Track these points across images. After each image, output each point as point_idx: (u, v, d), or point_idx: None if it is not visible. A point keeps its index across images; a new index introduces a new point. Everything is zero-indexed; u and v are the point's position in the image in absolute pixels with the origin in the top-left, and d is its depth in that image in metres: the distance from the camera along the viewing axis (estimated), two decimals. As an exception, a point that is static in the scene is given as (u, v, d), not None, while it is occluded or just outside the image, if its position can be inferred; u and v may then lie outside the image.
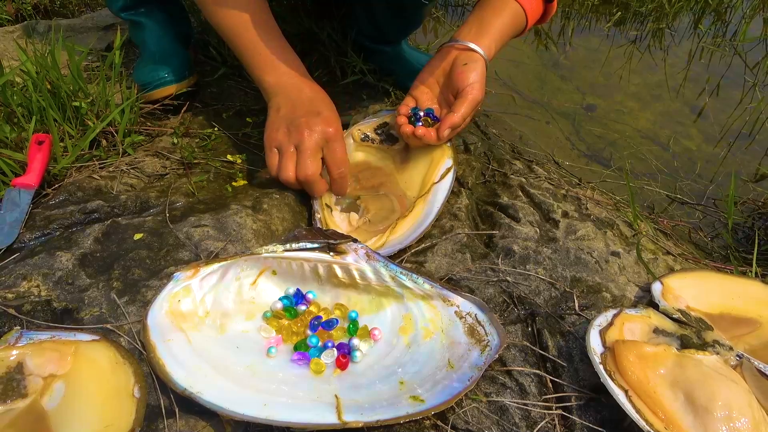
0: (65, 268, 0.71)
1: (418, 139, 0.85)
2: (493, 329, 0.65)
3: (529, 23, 0.92)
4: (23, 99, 0.90)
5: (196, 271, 0.69)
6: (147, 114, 1.01)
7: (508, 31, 0.91)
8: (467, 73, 0.84)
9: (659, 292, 0.73)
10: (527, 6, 0.90)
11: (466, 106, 0.83)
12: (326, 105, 0.85)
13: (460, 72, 0.85)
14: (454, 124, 0.83)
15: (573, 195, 0.92)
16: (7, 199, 0.78)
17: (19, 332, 0.61)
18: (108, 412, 0.56)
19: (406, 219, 0.82)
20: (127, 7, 1.04)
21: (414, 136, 0.85)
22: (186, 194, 0.85)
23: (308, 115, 0.81)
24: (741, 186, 1.16)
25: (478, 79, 0.84)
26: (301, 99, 0.84)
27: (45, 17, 1.54)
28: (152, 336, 0.62)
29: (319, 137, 0.81)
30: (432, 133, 0.85)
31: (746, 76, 1.48)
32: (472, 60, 0.85)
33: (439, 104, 0.89)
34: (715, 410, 0.56)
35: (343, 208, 0.86)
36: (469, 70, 0.84)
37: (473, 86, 0.84)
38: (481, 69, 0.85)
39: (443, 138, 0.84)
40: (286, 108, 0.83)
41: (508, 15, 0.89)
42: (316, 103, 0.84)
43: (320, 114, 0.82)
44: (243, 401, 0.57)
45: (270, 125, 0.84)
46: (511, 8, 0.89)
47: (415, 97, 0.90)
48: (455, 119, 0.83)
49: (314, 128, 0.80)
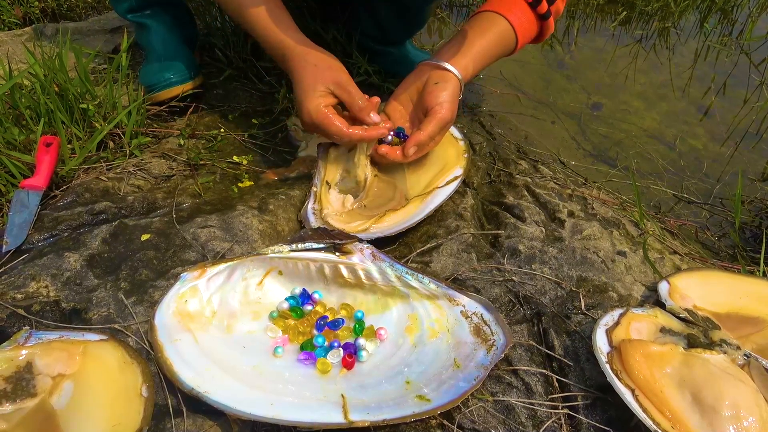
0: (73, 269, 0.71)
1: (382, 156, 0.85)
2: (499, 329, 0.65)
3: (519, 42, 0.91)
4: (31, 101, 0.91)
5: (202, 271, 0.69)
6: (153, 116, 1.01)
7: (492, 51, 0.90)
8: (437, 93, 0.84)
9: (666, 292, 0.73)
10: (517, 25, 0.89)
11: (433, 124, 0.83)
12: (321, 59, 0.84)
13: (431, 91, 0.85)
14: (420, 142, 0.83)
15: (579, 195, 0.92)
16: (16, 200, 0.79)
17: (29, 332, 0.62)
18: (116, 411, 0.56)
19: (396, 212, 0.83)
20: (133, 9, 1.05)
21: (377, 154, 0.85)
22: (192, 195, 0.86)
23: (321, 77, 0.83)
24: (748, 185, 1.15)
25: (447, 99, 0.84)
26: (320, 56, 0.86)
27: (53, 20, 1.55)
28: (160, 336, 0.63)
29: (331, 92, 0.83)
30: (397, 151, 0.85)
31: (753, 74, 1.48)
32: (444, 80, 0.85)
33: (411, 122, 0.89)
34: (723, 409, 0.56)
35: (342, 189, 0.87)
36: (439, 89, 0.84)
37: (442, 105, 0.83)
38: (452, 89, 0.85)
39: (409, 156, 0.84)
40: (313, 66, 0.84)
41: (495, 34, 0.89)
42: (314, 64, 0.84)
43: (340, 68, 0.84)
44: (250, 401, 0.58)
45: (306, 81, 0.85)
46: (499, 28, 0.88)
47: (387, 113, 0.90)
48: (421, 137, 0.83)
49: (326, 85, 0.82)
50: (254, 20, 0.85)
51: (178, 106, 1.02)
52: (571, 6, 1.74)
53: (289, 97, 1.06)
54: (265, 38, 0.86)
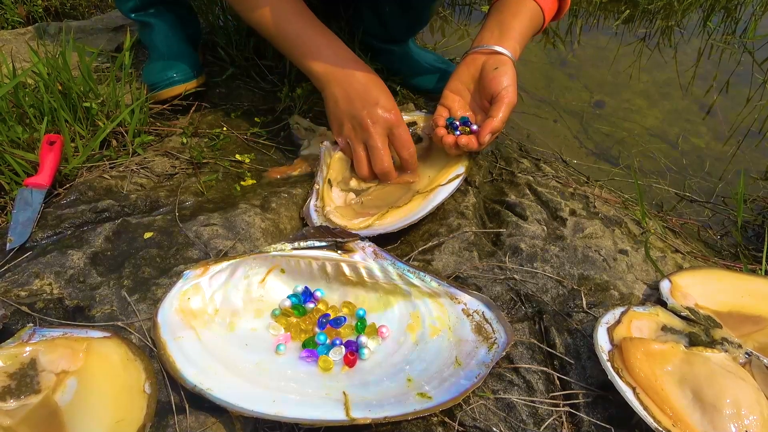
0: (77, 267, 0.71)
1: (459, 148, 0.86)
2: (500, 327, 0.66)
3: (546, 21, 0.92)
4: (35, 100, 0.91)
5: (205, 269, 0.69)
6: (156, 114, 1.02)
7: (527, 32, 0.91)
8: (500, 78, 0.84)
9: (667, 290, 0.73)
10: (543, 4, 0.90)
11: (504, 110, 0.84)
12: (380, 90, 0.86)
13: (493, 77, 0.85)
14: (495, 128, 0.83)
15: (581, 193, 0.92)
16: (20, 198, 0.79)
17: (32, 329, 0.62)
18: (120, 407, 0.56)
19: (399, 209, 0.83)
20: (136, 8, 1.05)
21: (456, 146, 0.86)
22: (195, 193, 0.86)
23: (367, 107, 0.84)
24: (750, 184, 1.15)
25: (511, 82, 0.84)
26: (355, 88, 0.85)
27: (56, 19, 1.55)
28: (162, 333, 0.63)
29: (383, 129, 0.84)
30: (473, 140, 0.85)
31: (756, 73, 1.47)
32: (501, 63, 0.85)
33: (472, 111, 0.90)
34: (724, 407, 0.56)
35: (344, 189, 0.87)
36: (500, 74, 0.84)
37: (508, 90, 0.84)
38: (512, 72, 0.85)
39: (484, 144, 0.84)
40: (344, 101, 0.85)
41: (527, 15, 0.89)
42: (370, 90, 0.85)
43: (378, 103, 0.84)
44: (252, 398, 0.58)
45: (333, 120, 0.87)
46: (529, 7, 0.89)
47: (447, 106, 0.90)
48: (496, 124, 0.83)
49: (377, 121, 0.83)
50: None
51: (181, 105, 1.02)
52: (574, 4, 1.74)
53: (291, 96, 1.06)
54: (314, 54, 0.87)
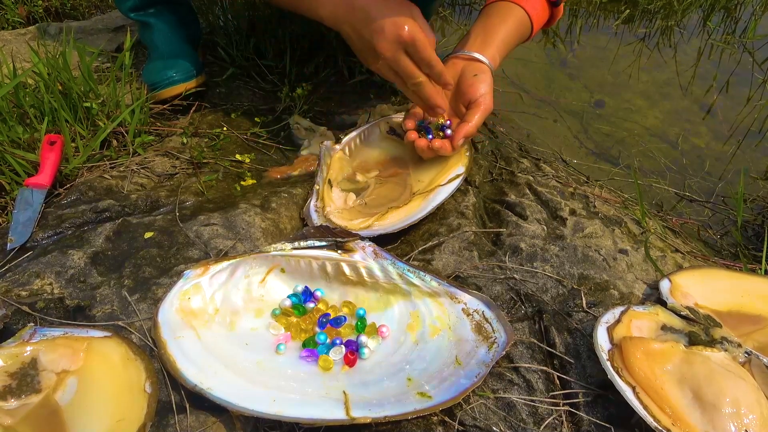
0: (77, 267, 0.72)
1: (433, 151, 0.87)
2: (500, 326, 0.66)
3: (534, 29, 0.93)
4: (35, 100, 0.91)
5: (205, 269, 0.69)
6: (156, 114, 1.02)
7: (513, 40, 0.92)
8: (478, 84, 0.86)
9: (667, 290, 0.73)
10: (532, 12, 0.91)
11: (479, 116, 0.86)
12: (381, 12, 0.79)
13: (471, 83, 0.87)
14: (469, 133, 0.85)
15: (581, 193, 0.92)
16: (21, 198, 0.80)
17: (33, 329, 0.62)
18: (120, 406, 0.57)
19: (399, 210, 0.84)
20: (136, 7, 1.05)
21: (430, 149, 0.86)
22: (195, 193, 0.86)
23: (377, 39, 0.79)
24: (750, 183, 1.15)
25: (488, 90, 0.87)
26: (360, 21, 0.80)
27: (56, 19, 1.55)
28: (163, 333, 0.63)
29: (400, 54, 0.79)
30: (447, 144, 0.86)
31: (756, 73, 1.47)
32: (481, 71, 0.87)
33: (448, 114, 0.90)
34: (723, 406, 0.56)
35: (344, 189, 0.87)
36: (479, 81, 0.87)
37: (485, 97, 0.86)
38: (489, 80, 0.87)
39: (457, 148, 0.86)
40: (357, 39, 0.81)
41: (513, 22, 0.90)
42: (372, 18, 0.79)
43: (383, 30, 0.78)
44: (252, 397, 0.58)
45: (360, 58, 0.85)
46: (516, 15, 0.90)
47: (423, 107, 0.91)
48: (470, 129, 0.85)
49: (389, 48, 0.79)
50: None
51: (181, 105, 1.02)
52: (573, 4, 1.74)
53: (291, 96, 1.06)
54: None
